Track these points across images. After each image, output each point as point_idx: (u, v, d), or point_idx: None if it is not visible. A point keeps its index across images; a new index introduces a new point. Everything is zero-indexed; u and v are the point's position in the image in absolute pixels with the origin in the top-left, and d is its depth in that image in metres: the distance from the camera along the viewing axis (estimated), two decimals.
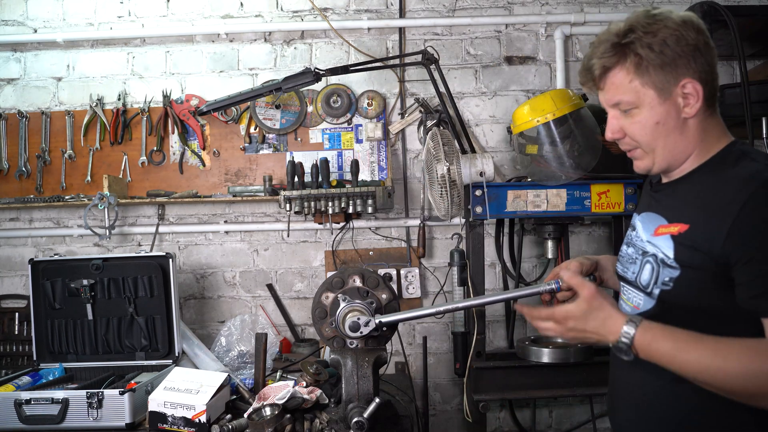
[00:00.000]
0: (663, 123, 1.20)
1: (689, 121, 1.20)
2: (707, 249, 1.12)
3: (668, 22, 1.17)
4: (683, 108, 1.19)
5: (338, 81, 2.81)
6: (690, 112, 1.19)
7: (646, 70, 1.18)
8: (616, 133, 1.27)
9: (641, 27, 1.18)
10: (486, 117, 2.84)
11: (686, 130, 1.21)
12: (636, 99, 1.21)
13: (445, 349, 2.82)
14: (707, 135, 1.22)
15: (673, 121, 1.20)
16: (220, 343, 2.61)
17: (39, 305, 2.32)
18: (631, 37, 1.18)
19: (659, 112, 1.20)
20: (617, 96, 1.23)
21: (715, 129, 1.23)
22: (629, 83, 1.20)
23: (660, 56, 1.16)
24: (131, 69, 2.88)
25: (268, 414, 1.66)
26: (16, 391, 1.96)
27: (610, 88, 1.24)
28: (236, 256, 2.86)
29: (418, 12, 2.85)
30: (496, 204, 2.24)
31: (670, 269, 1.19)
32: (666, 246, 1.20)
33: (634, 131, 1.24)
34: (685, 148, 1.22)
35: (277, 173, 2.80)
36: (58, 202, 2.70)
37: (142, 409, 1.88)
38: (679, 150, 1.22)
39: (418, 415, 2.30)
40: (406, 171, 2.83)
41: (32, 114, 2.83)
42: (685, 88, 1.17)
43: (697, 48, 1.17)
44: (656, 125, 1.21)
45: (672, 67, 1.17)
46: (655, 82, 1.18)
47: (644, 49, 1.17)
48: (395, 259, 2.81)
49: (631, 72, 1.20)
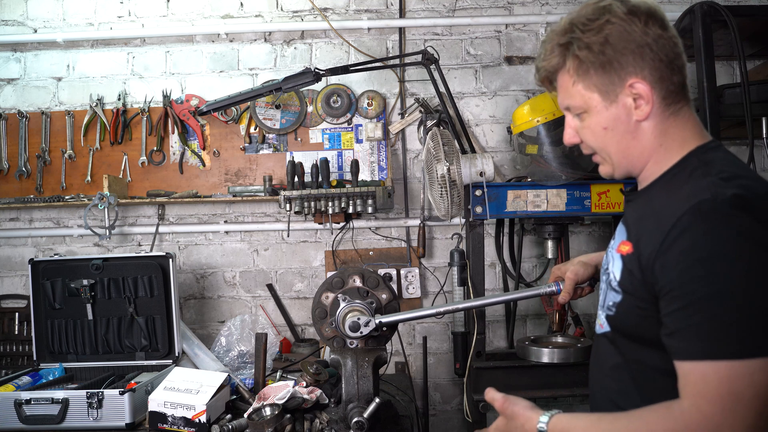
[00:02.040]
0: (612, 128, 1.09)
1: (643, 124, 1.08)
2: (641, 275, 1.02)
3: (612, 17, 1.05)
4: (634, 110, 1.07)
5: (338, 81, 2.81)
6: (641, 115, 1.07)
7: (586, 72, 1.08)
8: (572, 138, 1.18)
9: (580, 24, 1.07)
10: (486, 117, 2.84)
11: (640, 134, 1.09)
12: (582, 103, 1.11)
13: (445, 349, 2.82)
14: (667, 139, 1.09)
15: (623, 125, 1.09)
16: (220, 343, 2.61)
17: (39, 305, 2.33)
18: (569, 36, 1.08)
19: (606, 116, 1.09)
20: (565, 100, 1.15)
21: (679, 132, 1.09)
22: (572, 86, 1.11)
23: (600, 56, 1.05)
24: (131, 69, 2.88)
25: (268, 414, 1.66)
26: (16, 391, 1.96)
27: (559, 91, 1.15)
28: (236, 256, 2.86)
29: (418, 12, 2.85)
30: (496, 204, 2.24)
31: (614, 293, 1.11)
32: (617, 266, 1.10)
33: (586, 136, 1.15)
34: (641, 153, 1.11)
35: (277, 173, 2.80)
36: (58, 202, 2.70)
37: (142, 409, 1.88)
38: (635, 156, 1.11)
39: (418, 415, 2.30)
40: (406, 171, 2.83)
41: (32, 114, 2.83)
42: (633, 89, 1.06)
43: (646, 44, 1.04)
44: (604, 131, 1.10)
45: (616, 68, 1.05)
46: (598, 85, 1.08)
47: (583, 50, 1.06)
48: (395, 259, 2.81)
49: (573, 75, 1.10)
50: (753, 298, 0.90)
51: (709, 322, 0.91)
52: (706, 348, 0.91)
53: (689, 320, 0.93)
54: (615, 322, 1.13)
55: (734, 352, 0.89)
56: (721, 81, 2.30)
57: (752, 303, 0.90)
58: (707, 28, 2.09)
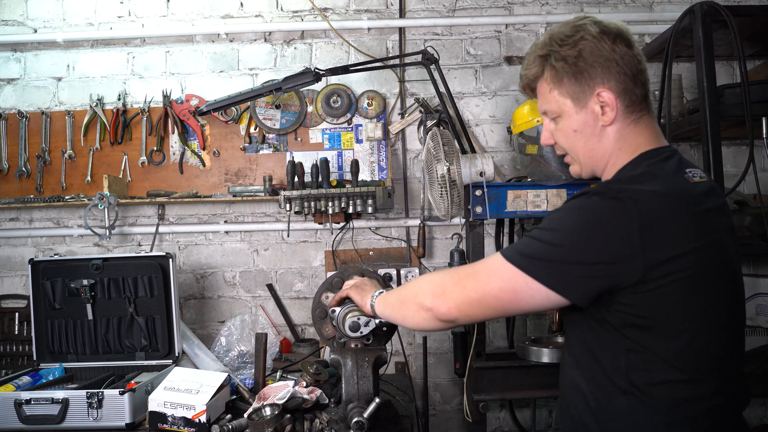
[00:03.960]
0: (580, 131, 1.26)
1: (607, 129, 1.24)
2: None
3: (585, 34, 1.21)
4: (600, 116, 1.23)
5: (338, 81, 2.81)
6: (606, 120, 1.23)
7: (561, 80, 1.24)
8: (548, 140, 1.35)
9: (558, 40, 1.23)
10: (486, 117, 2.84)
11: (604, 138, 1.25)
12: (557, 108, 1.27)
13: (445, 349, 2.82)
14: (625, 143, 1.24)
15: (591, 128, 1.25)
16: (220, 343, 2.61)
17: (39, 305, 2.32)
18: (547, 49, 1.25)
19: (576, 120, 1.25)
20: (543, 105, 1.31)
21: (635, 138, 1.24)
22: (549, 93, 1.28)
23: (573, 67, 1.22)
24: (131, 69, 2.88)
25: (268, 414, 1.66)
26: (16, 391, 1.95)
27: (538, 97, 1.32)
28: (236, 256, 2.86)
29: (418, 12, 2.85)
30: (496, 204, 2.24)
31: None
32: None
33: (559, 138, 1.32)
34: (603, 154, 1.26)
35: (277, 173, 2.80)
36: (58, 202, 2.70)
37: (142, 409, 1.88)
38: (598, 157, 1.27)
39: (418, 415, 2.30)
40: (406, 171, 2.83)
41: (32, 114, 2.84)
42: (600, 97, 1.21)
43: (613, 59, 1.20)
44: (574, 133, 1.27)
45: (586, 78, 1.21)
46: (570, 92, 1.24)
47: (559, 61, 1.23)
48: (395, 259, 2.81)
49: (550, 82, 1.27)
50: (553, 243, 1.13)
51: (520, 240, 1.25)
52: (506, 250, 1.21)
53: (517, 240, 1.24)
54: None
55: (506, 254, 1.19)
56: (721, 81, 2.30)
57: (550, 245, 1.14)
58: (707, 28, 2.09)
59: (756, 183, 2.16)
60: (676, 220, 1.10)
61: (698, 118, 2.13)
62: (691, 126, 2.25)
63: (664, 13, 2.78)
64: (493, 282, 1.19)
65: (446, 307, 1.23)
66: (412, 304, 1.32)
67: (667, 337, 1.11)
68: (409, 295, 1.35)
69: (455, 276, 1.26)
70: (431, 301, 1.25)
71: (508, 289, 1.17)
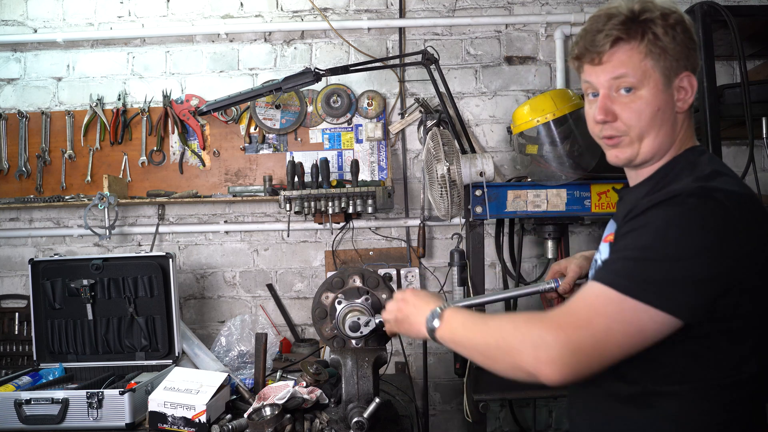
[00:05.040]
0: (663, 110, 1.15)
1: (678, 116, 1.17)
2: None
3: (680, 16, 1.14)
4: (678, 101, 1.16)
5: (338, 81, 2.81)
6: (682, 107, 1.16)
7: (660, 53, 1.13)
8: (608, 115, 1.17)
9: (659, 9, 1.13)
10: (486, 117, 2.84)
11: (675, 123, 1.17)
12: (642, 79, 1.14)
13: (445, 349, 2.80)
14: (683, 133, 1.19)
15: (670, 111, 1.16)
16: (220, 343, 2.61)
17: (39, 305, 2.32)
18: (648, 15, 1.13)
19: (662, 98, 1.14)
20: (622, 69, 1.14)
21: (688, 131, 1.20)
22: (640, 62, 1.13)
23: (673, 42, 1.13)
24: (131, 69, 2.88)
25: (268, 414, 1.66)
26: (16, 391, 1.96)
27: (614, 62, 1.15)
28: (236, 256, 2.86)
29: (418, 12, 2.85)
30: (496, 204, 2.24)
31: None
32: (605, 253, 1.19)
33: (630, 115, 1.16)
34: (671, 141, 1.18)
35: (277, 173, 2.80)
36: (58, 202, 2.70)
37: (142, 409, 1.88)
38: (667, 143, 1.17)
39: (418, 415, 2.30)
40: (406, 171, 2.83)
41: (32, 114, 2.83)
42: (682, 82, 1.15)
43: (696, 46, 1.17)
44: (656, 111, 1.14)
45: (679, 57, 1.14)
46: (664, 68, 1.13)
47: (662, 29, 1.12)
48: (395, 259, 2.81)
49: (644, 51, 1.13)
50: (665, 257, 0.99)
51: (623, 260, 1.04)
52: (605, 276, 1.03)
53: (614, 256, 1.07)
54: None
55: (618, 285, 1.00)
56: (721, 81, 2.30)
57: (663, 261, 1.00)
58: (707, 28, 2.09)
59: (756, 183, 2.16)
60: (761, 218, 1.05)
61: (698, 118, 2.13)
62: None
63: None
64: (613, 329, 0.99)
65: (560, 375, 0.99)
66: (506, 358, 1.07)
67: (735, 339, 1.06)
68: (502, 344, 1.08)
69: (558, 330, 1.00)
70: (534, 366, 1.01)
71: (632, 332, 0.99)
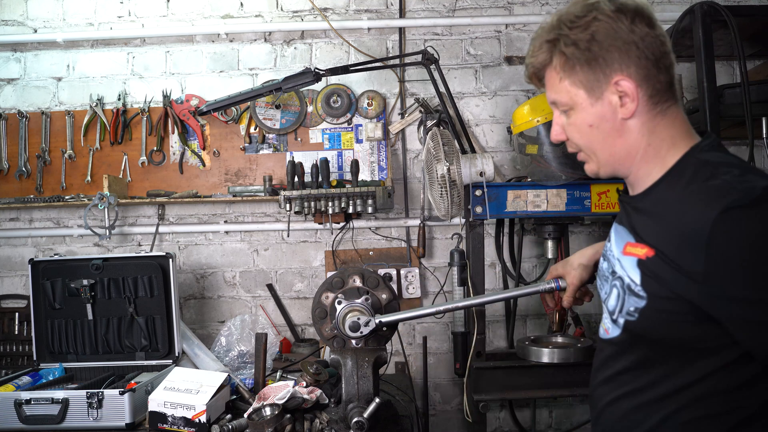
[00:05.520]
0: (597, 125, 1.09)
1: (629, 123, 1.08)
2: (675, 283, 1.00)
3: (599, 14, 1.05)
4: (620, 108, 1.07)
5: (338, 81, 2.81)
6: (626, 113, 1.07)
7: (572, 68, 1.08)
8: (559, 135, 1.17)
9: (567, 22, 1.07)
10: (486, 117, 2.84)
11: (627, 133, 1.08)
12: (569, 100, 1.11)
13: (445, 349, 2.82)
14: (655, 138, 1.08)
15: (609, 123, 1.08)
16: (220, 343, 2.61)
17: (39, 305, 2.33)
18: (556, 33, 1.09)
19: (592, 113, 1.09)
20: (552, 96, 1.15)
21: (667, 131, 1.09)
22: (559, 83, 1.11)
23: (586, 53, 1.06)
24: (131, 69, 2.88)
25: (268, 414, 1.66)
26: (16, 391, 1.96)
27: (547, 88, 1.16)
28: (236, 256, 2.86)
29: (418, 12, 2.85)
30: (496, 204, 2.24)
31: (636, 298, 1.07)
32: (633, 270, 1.08)
33: (571, 134, 1.15)
34: (628, 152, 1.10)
35: (277, 173, 2.80)
36: (58, 202, 2.70)
37: (142, 409, 1.88)
38: (621, 154, 1.11)
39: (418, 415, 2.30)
40: (406, 171, 2.83)
41: (32, 114, 2.83)
42: (619, 86, 1.06)
43: (632, 42, 1.04)
44: (590, 128, 1.10)
45: (601, 64, 1.05)
46: (584, 82, 1.08)
47: (569, 46, 1.07)
48: (395, 259, 2.81)
49: (560, 71, 1.10)
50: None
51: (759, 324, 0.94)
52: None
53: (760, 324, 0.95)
54: (637, 326, 1.09)
55: None
56: (721, 81, 2.29)
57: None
58: (707, 28, 2.08)
59: None
60: None
61: (698, 118, 2.13)
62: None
63: (664, 13, 2.78)
64: None
65: None
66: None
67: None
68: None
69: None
70: None
71: None
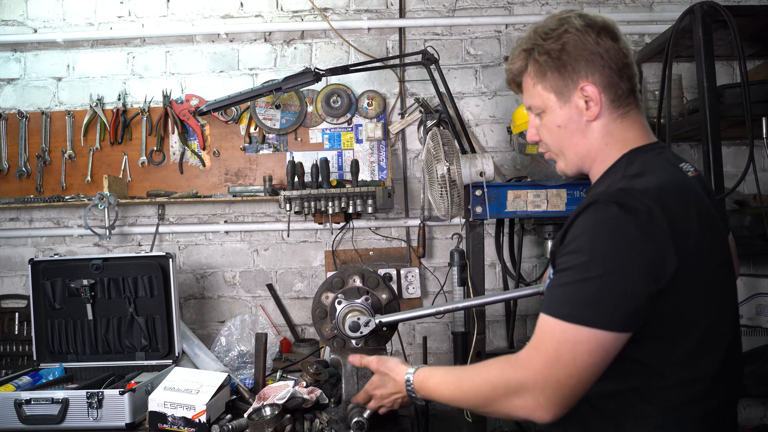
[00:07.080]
0: (564, 126, 1.23)
1: (592, 125, 1.22)
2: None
3: (569, 27, 1.19)
4: (585, 111, 1.20)
5: (338, 81, 2.81)
6: (590, 116, 1.20)
7: (544, 74, 1.22)
8: (534, 137, 1.32)
9: (541, 33, 1.21)
10: (486, 117, 2.84)
11: (589, 133, 1.22)
12: (541, 103, 1.25)
13: (445, 349, 2.82)
14: (612, 139, 1.21)
15: (575, 124, 1.22)
16: (220, 343, 2.61)
17: (39, 305, 2.32)
18: (531, 43, 1.23)
19: (560, 115, 1.23)
20: (527, 101, 1.29)
21: (622, 133, 1.21)
22: (533, 88, 1.25)
23: (556, 61, 1.19)
24: (131, 69, 2.88)
25: (268, 414, 1.66)
26: (16, 391, 1.95)
27: (523, 93, 1.30)
28: (236, 256, 2.86)
29: (418, 12, 2.85)
30: (496, 204, 2.24)
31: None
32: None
33: (543, 134, 1.29)
34: (589, 151, 1.24)
35: (277, 173, 2.80)
36: (58, 202, 2.70)
37: (142, 409, 1.88)
38: (583, 153, 1.24)
39: (418, 415, 2.30)
40: (406, 171, 2.83)
41: (32, 114, 2.84)
42: (584, 92, 1.19)
43: (597, 53, 1.18)
44: (558, 128, 1.24)
45: (570, 71, 1.19)
46: (554, 87, 1.22)
47: (542, 55, 1.21)
48: (395, 259, 2.81)
49: (533, 77, 1.24)
50: (596, 276, 1.03)
51: (561, 286, 1.07)
52: (550, 306, 1.07)
53: (554, 282, 1.09)
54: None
55: (566, 315, 1.04)
56: (721, 81, 2.30)
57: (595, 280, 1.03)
58: (707, 28, 2.09)
59: (756, 183, 2.16)
60: (689, 216, 1.06)
61: (698, 118, 2.13)
62: (691, 126, 2.25)
63: (664, 13, 2.78)
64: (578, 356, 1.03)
65: (552, 414, 1.05)
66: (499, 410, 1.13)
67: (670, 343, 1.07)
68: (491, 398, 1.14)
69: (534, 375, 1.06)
70: (527, 413, 1.07)
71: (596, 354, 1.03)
